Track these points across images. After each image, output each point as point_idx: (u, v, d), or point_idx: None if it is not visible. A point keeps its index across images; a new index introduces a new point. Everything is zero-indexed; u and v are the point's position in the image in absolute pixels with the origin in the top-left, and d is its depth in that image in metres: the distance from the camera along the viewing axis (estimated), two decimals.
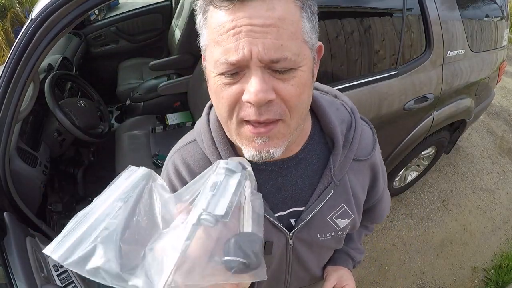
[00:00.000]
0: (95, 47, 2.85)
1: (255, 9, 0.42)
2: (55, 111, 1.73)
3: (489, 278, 2.17)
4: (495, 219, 2.54)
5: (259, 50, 0.42)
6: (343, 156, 0.63)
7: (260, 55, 0.42)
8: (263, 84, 0.43)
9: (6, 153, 1.23)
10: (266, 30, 0.42)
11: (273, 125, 0.48)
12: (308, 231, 0.67)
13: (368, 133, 0.69)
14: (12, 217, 1.20)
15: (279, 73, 0.44)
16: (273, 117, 0.46)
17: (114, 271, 0.36)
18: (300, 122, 0.51)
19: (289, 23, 0.43)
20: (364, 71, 1.51)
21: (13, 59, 1.11)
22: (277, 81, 0.45)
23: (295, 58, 0.44)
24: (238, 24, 0.42)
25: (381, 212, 0.86)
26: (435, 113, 1.88)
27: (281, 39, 0.42)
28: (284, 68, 0.44)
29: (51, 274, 1.14)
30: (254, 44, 0.42)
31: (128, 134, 2.12)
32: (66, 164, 2.08)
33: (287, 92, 0.45)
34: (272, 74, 0.44)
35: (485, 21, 2.00)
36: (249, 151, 0.50)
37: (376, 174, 0.71)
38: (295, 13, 0.44)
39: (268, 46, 0.42)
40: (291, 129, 0.49)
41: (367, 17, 1.47)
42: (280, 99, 0.46)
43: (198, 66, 2.10)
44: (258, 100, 0.44)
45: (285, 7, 0.43)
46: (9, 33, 4.62)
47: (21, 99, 1.18)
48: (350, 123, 0.65)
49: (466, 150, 3.13)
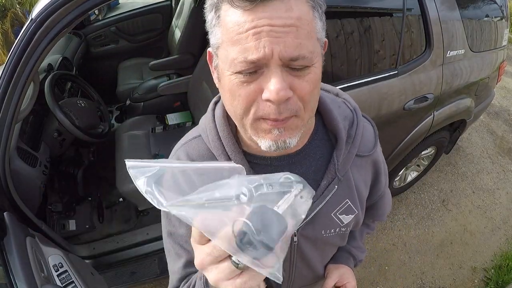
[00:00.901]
0: (95, 47, 2.85)
1: (274, 9, 0.42)
2: (55, 111, 1.73)
3: (489, 278, 2.17)
4: (495, 219, 2.54)
5: (280, 49, 0.43)
6: (346, 151, 0.64)
7: (282, 53, 0.43)
8: (283, 82, 0.45)
9: (6, 153, 1.23)
10: (286, 30, 0.43)
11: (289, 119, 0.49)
12: (313, 227, 0.67)
13: (370, 129, 0.70)
14: (12, 217, 1.20)
15: (296, 71, 0.46)
16: (290, 114, 0.48)
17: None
18: (311, 115, 0.54)
19: (306, 22, 0.45)
20: (364, 71, 1.51)
21: (13, 59, 1.11)
22: (294, 78, 0.46)
23: (311, 56, 0.46)
24: (259, 24, 0.43)
25: (383, 210, 0.86)
26: (435, 113, 1.88)
27: (300, 38, 0.44)
28: (301, 66, 0.45)
29: (51, 274, 1.14)
30: (276, 43, 0.43)
31: (128, 134, 2.12)
32: (66, 164, 2.08)
33: (302, 88, 0.47)
34: (289, 71, 0.46)
35: (485, 21, 2.00)
36: (266, 142, 0.50)
37: (378, 170, 0.72)
38: (309, 12, 0.45)
39: (289, 45, 0.43)
40: (304, 121, 0.51)
41: (367, 17, 1.47)
42: (296, 95, 0.47)
43: (198, 66, 2.10)
44: (279, 98, 0.45)
45: (301, 7, 0.44)
46: (9, 33, 4.62)
47: (21, 99, 1.18)
48: (352, 120, 0.66)
49: (466, 150, 3.13)
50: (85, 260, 1.68)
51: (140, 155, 1.97)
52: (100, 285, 1.38)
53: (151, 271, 1.75)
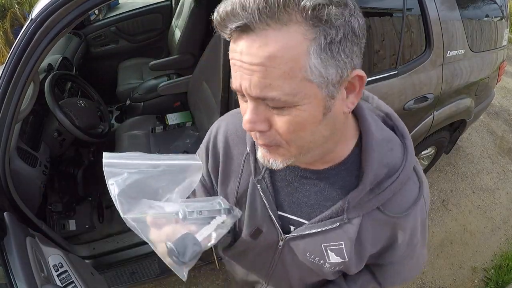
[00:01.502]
0: (95, 47, 2.85)
1: (246, 44, 0.40)
2: (55, 111, 1.73)
3: (489, 278, 2.17)
4: (495, 219, 2.54)
5: (246, 87, 0.43)
6: (367, 199, 0.57)
7: (247, 91, 0.43)
8: (254, 115, 0.45)
9: (6, 153, 1.23)
10: (253, 68, 0.41)
11: (273, 147, 0.50)
12: (300, 244, 0.66)
13: (413, 191, 0.59)
14: (12, 217, 1.20)
15: (272, 108, 0.44)
16: (269, 143, 0.49)
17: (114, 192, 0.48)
18: (302, 152, 0.50)
19: (282, 61, 0.39)
20: (364, 71, 1.50)
21: (13, 59, 1.11)
22: (272, 113, 0.45)
23: (288, 98, 0.42)
24: (234, 57, 0.43)
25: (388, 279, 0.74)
26: (435, 113, 1.88)
27: (269, 78, 0.41)
28: (275, 106, 0.44)
29: (51, 274, 1.14)
30: (244, 79, 0.43)
31: (128, 134, 2.12)
32: (66, 164, 2.08)
33: (279, 127, 0.46)
34: (268, 106, 0.45)
35: (485, 21, 2.00)
36: (259, 152, 0.55)
37: (395, 237, 0.62)
38: (296, 47, 0.39)
39: (255, 84, 0.42)
40: (292, 153, 0.50)
41: (367, 17, 1.46)
42: (275, 131, 0.47)
43: (198, 66, 2.10)
44: (248, 129, 0.47)
45: (282, 43, 0.39)
46: (8, 33, 4.62)
47: (21, 99, 1.17)
48: (396, 170, 0.56)
49: (466, 150, 3.13)
50: (85, 260, 1.68)
51: None
52: (100, 285, 1.38)
53: (151, 271, 1.75)
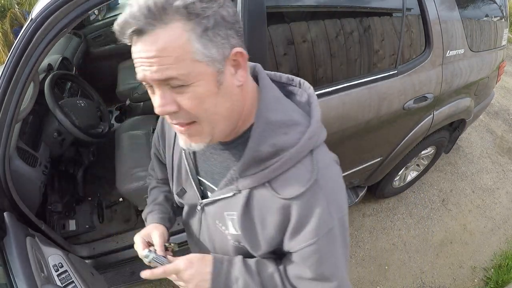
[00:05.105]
0: (95, 47, 2.85)
1: (142, 44, 0.49)
2: (55, 111, 1.73)
3: (489, 278, 2.17)
4: (494, 219, 2.55)
5: (148, 75, 0.50)
6: (252, 172, 0.60)
7: (150, 77, 0.50)
8: (162, 100, 0.52)
9: (6, 153, 1.23)
10: (150, 60, 0.49)
11: (188, 126, 0.56)
12: (212, 210, 0.73)
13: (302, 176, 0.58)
14: (12, 217, 1.20)
15: (177, 88, 0.51)
16: (184, 121, 0.55)
17: None
18: (214, 126, 0.57)
19: (171, 51, 0.48)
20: (364, 71, 1.51)
21: (13, 59, 1.11)
22: (176, 95, 0.52)
23: (184, 77, 0.50)
24: (135, 56, 0.51)
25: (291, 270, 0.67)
26: (435, 112, 1.88)
27: (164, 65, 0.49)
28: (176, 85, 0.51)
29: (51, 274, 1.14)
30: (146, 70, 0.50)
31: (128, 134, 2.12)
32: (66, 164, 2.08)
33: (184, 104, 0.53)
34: (172, 89, 0.52)
35: (485, 21, 2.01)
36: (180, 141, 0.61)
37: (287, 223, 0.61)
38: (180, 38, 0.48)
39: (155, 71, 0.49)
40: (206, 131, 0.57)
41: (366, 17, 1.47)
42: (183, 110, 0.53)
43: None
44: (161, 113, 0.54)
45: (168, 36, 0.48)
46: (8, 33, 4.63)
47: (21, 99, 1.18)
48: (286, 150, 0.58)
49: (465, 150, 3.13)
50: (85, 260, 1.68)
51: (140, 155, 1.97)
52: (100, 285, 1.38)
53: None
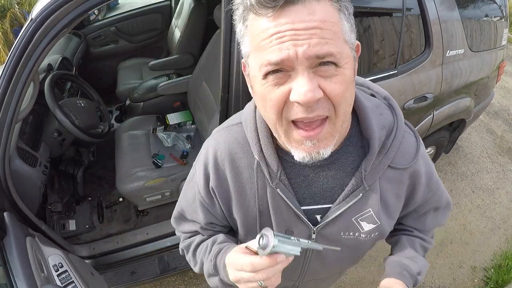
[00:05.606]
0: (95, 47, 2.85)
1: (297, 14, 0.43)
2: (55, 111, 1.73)
3: (489, 278, 2.17)
4: (494, 219, 2.55)
5: (304, 49, 0.43)
6: (377, 162, 0.62)
7: (306, 52, 0.43)
8: (311, 83, 0.45)
9: (6, 153, 1.23)
10: (310, 32, 0.43)
11: (321, 128, 0.50)
12: (332, 228, 0.67)
13: (411, 141, 0.66)
14: (12, 217, 1.20)
15: (325, 72, 0.46)
16: (322, 112, 0.48)
17: None
18: (344, 119, 0.53)
19: (330, 24, 0.45)
20: (364, 71, 1.51)
21: (13, 59, 1.11)
22: (322, 80, 0.46)
23: (339, 56, 0.45)
24: (281, 29, 0.44)
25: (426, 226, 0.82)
26: (435, 112, 1.88)
27: (325, 38, 0.44)
28: (330, 62, 0.45)
29: (51, 274, 1.14)
30: (300, 45, 0.43)
31: (128, 134, 2.12)
32: (66, 164, 2.08)
33: (332, 89, 0.47)
34: (318, 73, 0.46)
35: (485, 21, 2.00)
36: (300, 153, 0.52)
37: (416, 183, 0.68)
38: (334, 15, 0.46)
39: (315, 44, 0.43)
40: (337, 128, 0.51)
41: (366, 17, 1.47)
42: (326, 97, 0.47)
43: (197, 66, 2.10)
44: (308, 100, 0.45)
45: (325, 10, 0.44)
46: (8, 33, 4.62)
47: (21, 99, 1.18)
48: (391, 129, 0.63)
49: (465, 150, 3.13)
50: (85, 260, 1.68)
51: (140, 155, 1.97)
52: (100, 285, 1.38)
53: (151, 271, 1.75)
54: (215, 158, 0.67)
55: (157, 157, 1.97)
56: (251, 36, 0.48)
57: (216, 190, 0.68)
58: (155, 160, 1.95)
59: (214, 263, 0.68)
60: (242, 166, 0.66)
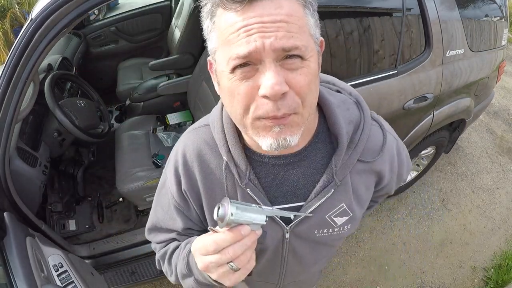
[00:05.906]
0: (95, 47, 2.85)
1: (264, 8, 0.44)
2: (55, 111, 1.73)
3: (489, 278, 2.17)
4: (494, 219, 2.55)
5: (271, 41, 0.44)
6: (347, 157, 0.63)
7: (273, 45, 0.44)
8: (278, 76, 0.45)
9: (6, 153, 1.23)
10: (277, 25, 0.44)
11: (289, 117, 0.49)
12: (305, 226, 0.68)
13: (377, 134, 0.67)
14: (12, 217, 1.20)
15: (290, 65, 0.46)
16: (289, 111, 0.48)
17: None
18: (311, 112, 0.53)
19: (296, 19, 0.46)
20: (364, 71, 1.51)
21: (13, 59, 1.11)
22: (288, 72, 0.47)
23: (305, 49, 0.46)
24: (249, 22, 0.44)
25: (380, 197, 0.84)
26: (435, 112, 1.88)
27: (291, 32, 0.45)
28: (296, 56, 0.46)
29: (51, 274, 1.14)
30: (267, 37, 0.44)
31: (128, 134, 2.12)
32: (66, 164, 2.08)
33: (297, 81, 0.47)
34: (284, 65, 0.46)
35: (485, 21, 2.00)
36: (267, 140, 0.51)
37: (382, 174, 0.69)
38: (300, 10, 0.47)
39: (281, 37, 0.44)
40: (304, 119, 0.51)
41: (366, 17, 1.47)
42: (293, 92, 0.47)
43: (197, 66, 2.10)
44: (275, 93, 0.45)
45: (291, 5, 0.46)
46: (8, 33, 4.63)
47: (21, 99, 1.18)
48: (359, 124, 0.64)
49: (465, 150, 3.13)
50: (85, 260, 1.68)
51: (140, 155, 1.98)
52: (100, 285, 1.38)
53: (151, 271, 1.75)
54: (185, 160, 0.67)
55: (157, 157, 1.97)
56: (218, 31, 0.48)
57: (188, 192, 0.67)
58: (155, 160, 1.95)
59: (186, 261, 0.66)
60: (211, 167, 0.65)
